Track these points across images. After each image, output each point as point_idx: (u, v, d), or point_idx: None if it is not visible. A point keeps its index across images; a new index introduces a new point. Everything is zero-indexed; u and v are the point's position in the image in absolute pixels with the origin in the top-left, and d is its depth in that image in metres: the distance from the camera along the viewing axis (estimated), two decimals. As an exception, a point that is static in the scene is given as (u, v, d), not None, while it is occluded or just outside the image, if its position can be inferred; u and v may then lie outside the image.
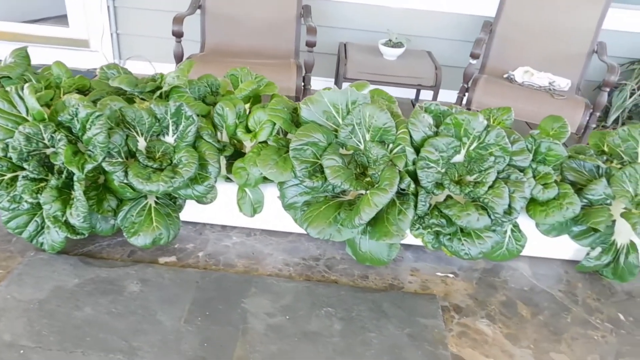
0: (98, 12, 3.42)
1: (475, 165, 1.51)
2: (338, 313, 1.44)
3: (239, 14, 3.09)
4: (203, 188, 1.50)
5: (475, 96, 2.81)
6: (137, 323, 1.34)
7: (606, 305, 1.58)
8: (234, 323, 1.37)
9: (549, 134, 1.65)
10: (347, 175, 1.47)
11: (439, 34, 3.40)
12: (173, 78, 1.61)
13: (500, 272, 1.67)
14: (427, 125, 1.52)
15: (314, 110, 1.55)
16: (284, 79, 2.73)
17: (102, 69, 1.70)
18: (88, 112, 1.39)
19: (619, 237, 1.62)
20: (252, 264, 1.59)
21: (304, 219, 1.49)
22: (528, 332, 1.45)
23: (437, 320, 1.45)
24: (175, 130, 1.53)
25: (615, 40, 3.19)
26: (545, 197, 1.51)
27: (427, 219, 1.48)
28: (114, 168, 1.42)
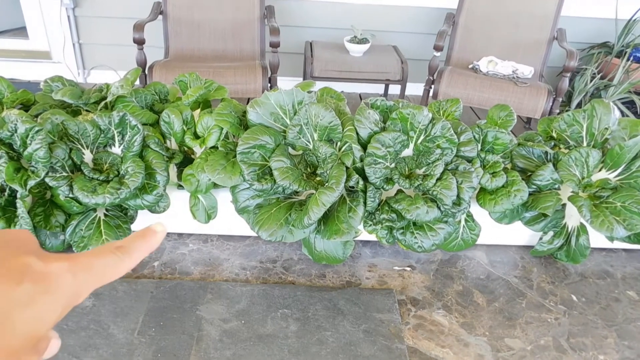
0: (58, 23, 3.37)
1: (423, 159, 1.53)
2: (294, 314, 1.44)
3: (202, 18, 3.08)
4: (152, 197, 1.49)
5: (441, 88, 2.83)
6: (89, 338, 1.32)
7: (560, 287, 1.60)
8: (188, 331, 1.36)
9: (496, 122, 1.66)
10: (296, 176, 1.47)
11: (404, 28, 3.42)
12: (117, 88, 1.59)
13: (457, 262, 1.69)
14: (373, 122, 1.53)
15: (261, 113, 1.55)
16: (249, 81, 2.73)
17: (46, 82, 1.67)
18: (27, 127, 1.37)
19: (569, 220, 1.64)
20: (209, 270, 1.59)
21: (255, 222, 1.49)
22: (483, 319, 1.47)
23: (393, 315, 1.46)
24: (121, 141, 1.52)
25: (574, 26, 3.25)
26: (494, 186, 1.53)
27: (377, 214, 1.49)
28: (58, 183, 1.40)
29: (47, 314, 0.26)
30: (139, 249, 0.32)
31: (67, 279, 0.28)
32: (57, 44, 3.45)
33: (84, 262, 0.29)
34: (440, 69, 2.89)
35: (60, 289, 0.27)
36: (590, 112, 1.61)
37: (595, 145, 1.62)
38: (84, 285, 0.29)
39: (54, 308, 0.27)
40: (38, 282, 0.26)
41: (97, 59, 3.52)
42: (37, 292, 0.26)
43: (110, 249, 0.31)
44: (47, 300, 0.26)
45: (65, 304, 0.27)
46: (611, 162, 1.56)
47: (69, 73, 3.48)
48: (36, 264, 0.27)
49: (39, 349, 0.27)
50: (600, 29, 3.39)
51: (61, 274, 0.27)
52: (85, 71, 3.56)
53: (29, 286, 0.26)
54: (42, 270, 0.27)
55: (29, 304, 0.25)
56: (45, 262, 0.27)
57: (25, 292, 0.25)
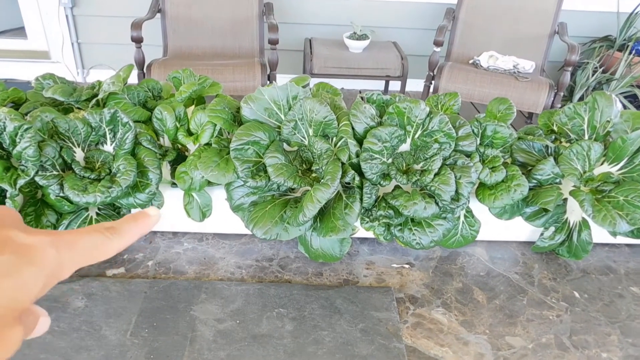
0: (56, 22, 3.36)
1: (421, 154, 1.49)
2: (290, 313, 1.41)
3: (200, 15, 3.06)
4: (145, 196, 1.46)
5: (442, 83, 2.80)
6: (80, 340, 1.30)
7: (562, 284, 1.57)
8: (182, 332, 1.34)
9: (495, 116, 1.63)
10: (291, 172, 1.44)
11: (403, 24, 3.39)
12: (109, 85, 1.56)
13: (457, 259, 1.66)
14: (369, 116, 1.50)
15: (255, 109, 1.52)
16: (248, 78, 2.71)
17: (37, 80, 1.65)
18: (16, 126, 1.35)
19: (571, 216, 1.61)
20: (203, 269, 1.56)
21: (249, 220, 1.46)
22: (483, 317, 1.44)
23: (391, 313, 1.44)
24: (113, 138, 1.49)
25: (575, 20, 3.21)
26: (493, 181, 1.50)
27: (374, 211, 1.46)
28: (48, 182, 1.38)
29: (29, 284, 0.26)
30: (130, 230, 0.31)
31: (50, 253, 0.27)
32: (55, 43, 3.44)
33: (68, 239, 0.29)
34: (440, 65, 2.86)
35: (43, 262, 0.27)
36: (591, 104, 1.57)
37: (597, 139, 1.58)
38: (67, 261, 0.28)
39: (35, 280, 0.26)
40: (19, 253, 0.26)
41: (96, 58, 3.51)
42: (17, 263, 0.26)
43: (99, 228, 0.30)
44: (29, 271, 0.26)
45: (47, 277, 0.27)
46: (613, 155, 1.52)
47: (68, 73, 3.47)
48: (18, 236, 0.27)
49: (26, 323, 0.27)
50: (602, 22, 3.34)
51: (44, 247, 0.27)
52: (85, 71, 3.54)
53: (10, 257, 0.26)
54: (24, 242, 0.27)
55: (10, 274, 0.25)
56: (28, 235, 0.27)
57: (5, 262, 0.25)
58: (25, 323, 0.27)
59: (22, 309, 0.25)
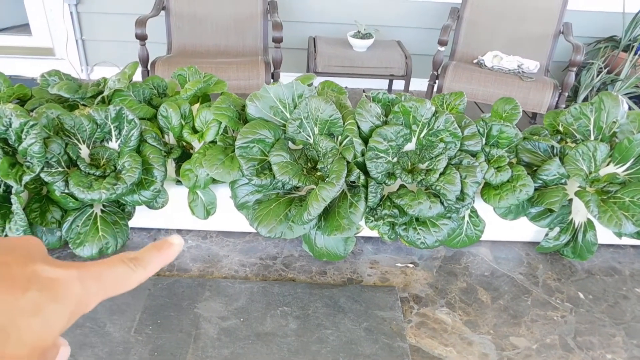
0: (61, 19, 3.36)
1: (426, 153, 1.49)
2: (294, 312, 1.41)
3: (205, 13, 3.05)
4: (150, 193, 1.46)
5: (446, 83, 2.79)
6: (84, 336, 1.30)
7: (566, 284, 1.56)
8: (186, 329, 1.34)
9: (501, 116, 1.62)
10: (296, 170, 1.44)
11: (407, 23, 3.38)
12: (114, 82, 1.56)
13: (461, 259, 1.65)
14: (375, 115, 1.49)
15: (261, 107, 1.52)
16: (252, 76, 2.70)
17: (42, 76, 1.65)
18: (22, 122, 1.35)
19: (576, 216, 1.60)
20: (207, 267, 1.56)
21: (254, 218, 1.46)
22: (488, 317, 1.44)
23: (395, 312, 1.43)
24: (118, 136, 1.49)
25: (580, 20, 3.19)
26: (499, 181, 1.49)
27: (379, 210, 1.45)
28: (54, 178, 1.38)
29: (54, 322, 0.25)
30: (154, 261, 0.31)
31: (76, 287, 0.27)
32: (60, 40, 3.44)
33: (93, 271, 0.28)
34: (444, 64, 2.85)
35: (68, 297, 0.26)
36: (598, 105, 1.56)
37: (603, 139, 1.57)
38: (92, 295, 0.28)
39: (60, 316, 0.26)
40: (45, 289, 0.26)
41: (100, 55, 3.51)
42: (44, 300, 0.25)
43: (123, 259, 0.30)
44: (54, 309, 0.25)
45: (72, 312, 0.27)
46: (619, 156, 1.51)
47: (72, 70, 3.47)
48: (44, 270, 0.26)
49: (48, 357, 0.26)
50: (607, 22, 3.33)
51: (69, 281, 0.27)
52: (89, 67, 3.54)
53: (36, 294, 0.25)
54: (50, 277, 0.26)
55: (36, 312, 0.25)
56: (53, 269, 0.27)
57: (31, 300, 0.25)
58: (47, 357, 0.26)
59: (46, 346, 0.25)
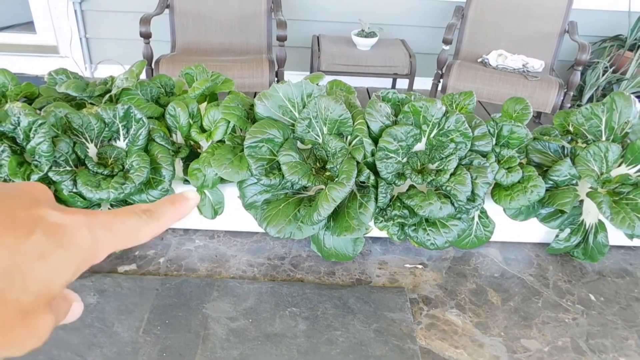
0: (65, 17, 3.35)
1: (436, 153, 1.48)
2: (303, 312, 1.40)
3: (209, 11, 3.04)
4: (158, 192, 1.45)
5: (450, 82, 2.78)
6: (93, 336, 1.29)
7: (577, 286, 1.55)
8: (195, 330, 1.33)
9: (511, 116, 1.61)
10: (305, 170, 1.43)
11: (412, 22, 3.36)
12: (122, 80, 1.55)
13: (471, 260, 1.64)
14: (384, 115, 1.48)
15: (269, 106, 1.50)
16: (256, 75, 2.69)
17: (50, 75, 1.64)
18: (30, 121, 1.34)
19: (587, 217, 1.59)
20: (215, 267, 1.55)
21: (263, 218, 1.45)
22: (498, 319, 1.42)
23: (405, 314, 1.42)
24: (126, 135, 1.48)
25: (586, 19, 3.18)
26: (509, 181, 1.48)
27: (389, 210, 1.44)
28: (62, 177, 1.37)
29: (60, 269, 0.24)
30: (168, 214, 0.29)
31: (84, 234, 0.25)
32: (64, 38, 3.42)
33: (103, 220, 0.27)
34: (449, 63, 2.83)
35: (76, 244, 0.25)
36: (609, 105, 1.55)
37: (615, 140, 1.56)
38: (101, 244, 0.26)
39: (67, 264, 0.24)
40: (51, 234, 0.24)
41: (104, 53, 3.49)
42: (49, 245, 0.24)
43: (136, 210, 0.28)
44: (60, 255, 0.24)
45: (80, 261, 0.25)
46: (632, 157, 1.50)
47: (76, 67, 3.46)
48: (50, 215, 0.25)
49: (57, 310, 0.25)
50: (613, 21, 3.31)
51: (77, 227, 0.25)
52: (93, 65, 3.53)
53: (41, 238, 0.24)
54: (56, 222, 0.25)
55: (41, 257, 0.23)
56: (60, 214, 0.25)
57: (36, 244, 0.23)
58: (57, 309, 0.25)
59: (53, 294, 0.24)
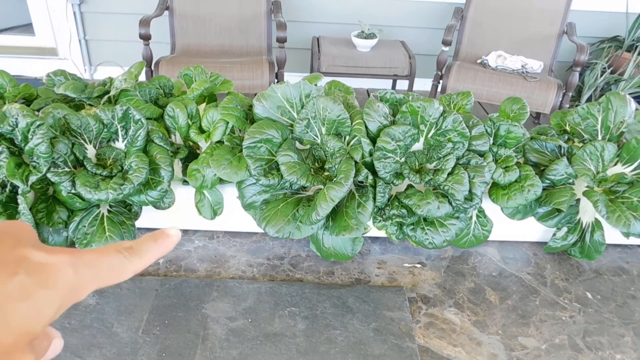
0: (64, 19, 3.35)
1: (434, 153, 1.49)
2: (302, 312, 1.41)
3: (208, 13, 3.05)
4: (157, 193, 1.46)
5: (450, 83, 2.79)
6: (92, 337, 1.30)
7: (574, 284, 1.56)
8: (194, 330, 1.33)
9: (508, 116, 1.62)
10: (304, 170, 1.44)
11: (411, 23, 3.37)
12: (121, 81, 1.56)
13: (469, 259, 1.65)
14: (382, 115, 1.49)
15: (268, 106, 1.51)
16: (256, 76, 2.70)
17: (48, 76, 1.64)
18: (28, 122, 1.34)
19: (584, 216, 1.60)
20: (215, 267, 1.56)
21: (262, 218, 1.45)
22: (496, 317, 1.43)
23: (403, 313, 1.43)
24: (125, 135, 1.49)
25: (584, 20, 3.19)
26: (507, 181, 1.49)
27: (387, 210, 1.45)
28: (60, 178, 1.37)
29: (43, 309, 0.24)
30: (150, 251, 0.29)
31: (68, 274, 0.25)
32: (63, 40, 3.43)
33: (86, 258, 0.27)
34: (448, 64, 2.84)
35: (59, 284, 0.25)
36: (605, 104, 1.56)
37: (611, 139, 1.57)
38: (85, 283, 0.26)
39: (50, 303, 0.24)
40: (34, 274, 0.24)
41: (103, 55, 3.50)
42: (33, 285, 0.24)
43: (118, 248, 0.29)
44: (44, 295, 0.24)
45: (63, 300, 0.25)
46: (627, 156, 1.51)
47: (75, 69, 3.47)
48: (33, 255, 0.25)
49: (38, 348, 0.25)
50: (611, 23, 3.32)
51: (61, 267, 0.25)
52: (92, 67, 3.54)
53: (24, 278, 0.24)
54: (40, 262, 0.25)
55: (24, 298, 0.23)
56: (44, 254, 0.26)
57: (19, 284, 0.23)
58: (38, 347, 0.25)
59: (34, 334, 0.24)
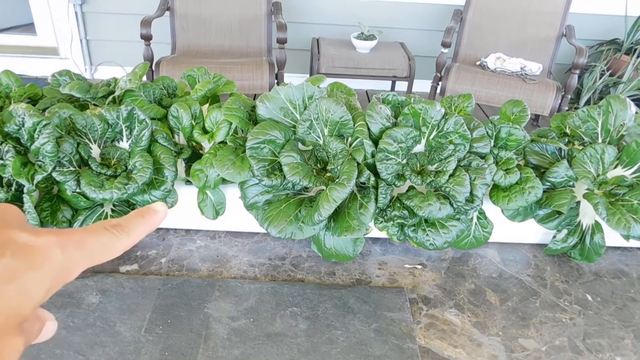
0: (66, 19, 3.36)
1: (435, 155, 1.50)
2: (303, 312, 1.42)
3: (209, 13, 3.06)
4: (160, 193, 1.47)
5: (449, 85, 2.80)
6: (95, 336, 1.30)
7: (574, 286, 1.57)
8: (196, 329, 1.34)
9: (509, 118, 1.63)
10: (306, 171, 1.45)
11: (411, 25, 3.39)
12: (125, 82, 1.56)
13: (469, 260, 1.66)
14: (384, 117, 1.50)
15: (271, 108, 1.52)
16: (256, 77, 2.71)
17: (53, 76, 1.65)
18: (35, 122, 1.35)
19: (584, 218, 1.61)
20: (217, 267, 1.56)
21: (264, 218, 1.46)
22: (497, 319, 1.44)
23: (404, 313, 1.44)
24: (129, 135, 1.50)
25: (583, 23, 3.21)
26: (507, 183, 1.50)
27: (389, 211, 1.46)
28: (65, 177, 1.38)
29: (32, 290, 0.24)
30: (138, 228, 0.29)
31: (56, 254, 0.25)
32: (64, 40, 3.44)
33: (74, 238, 0.27)
34: (447, 66, 2.86)
35: (48, 265, 0.25)
36: (605, 108, 1.57)
37: (611, 142, 1.58)
38: (74, 262, 0.26)
39: (39, 284, 0.24)
40: (22, 256, 0.24)
41: (104, 55, 3.51)
42: (20, 267, 0.24)
43: (106, 226, 0.28)
44: (32, 276, 0.24)
45: (52, 281, 0.25)
46: (627, 158, 1.52)
47: (76, 69, 3.47)
48: (20, 236, 0.25)
49: (28, 331, 0.25)
50: (610, 25, 3.34)
51: (49, 248, 0.25)
52: (93, 67, 3.55)
53: (11, 260, 0.24)
54: (27, 244, 0.25)
55: (11, 280, 0.23)
56: (31, 236, 0.25)
57: (6, 266, 0.23)
58: (29, 330, 0.25)
59: (24, 316, 0.24)
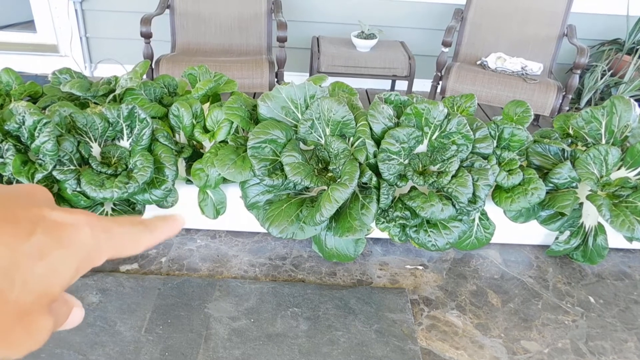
0: (66, 17, 3.35)
1: (438, 155, 1.49)
2: (304, 313, 1.41)
3: (209, 12, 3.05)
4: (161, 192, 1.46)
5: (449, 84, 2.79)
6: (95, 335, 1.29)
7: (576, 288, 1.57)
8: (197, 329, 1.33)
9: (512, 119, 1.62)
10: (308, 171, 1.44)
11: (411, 24, 3.38)
12: (126, 80, 1.55)
13: (471, 262, 1.65)
14: (387, 117, 1.49)
15: (272, 107, 1.51)
16: (256, 75, 2.70)
17: (54, 74, 1.64)
18: (35, 120, 1.34)
19: (587, 220, 1.61)
20: (217, 267, 1.56)
21: (265, 218, 1.45)
22: (498, 321, 1.43)
23: (405, 315, 1.43)
24: (129, 134, 1.49)
25: (584, 22, 3.20)
26: (510, 184, 1.49)
27: (390, 212, 1.45)
28: (66, 176, 1.37)
29: (61, 269, 0.23)
30: (161, 228, 0.29)
31: (85, 233, 0.25)
32: (64, 37, 3.43)
33: (103, 223, 0.26)
34: (448, 65, 2.85)
35: (76, 243, 0.24)
36: (609, 108, 1.56)
37: (615, 143, 1.57)
38: (101, 247, 0.26)
39: (68, 263, 0.24)
40: (52, 233, 0.24)
41: (104, 52, 3.50)
42: (50, 245, 0.23)
43: (132, 221, 0.28)
44: (61, 254, 0.24)
45: (80, 261, 0.24)
46: (631, 160, 1.52)
47: (76, 66, 3.46)
48: (51, 214, 0.25)
49: (56, 313, 0.24)
50: (611, 25, 3.33)
51: (78, 226, 0.25)
52: (92, 65, 3.53)
53: (42, 237, 0.23)
54: (57, 221, 0.24)
55: (42, 257, 0.23)
56: (61, 213, 0.25)
57: (37, 243, 0.23)
58: (57, 313, 0.25)
59: (53, 296, 0.23)
